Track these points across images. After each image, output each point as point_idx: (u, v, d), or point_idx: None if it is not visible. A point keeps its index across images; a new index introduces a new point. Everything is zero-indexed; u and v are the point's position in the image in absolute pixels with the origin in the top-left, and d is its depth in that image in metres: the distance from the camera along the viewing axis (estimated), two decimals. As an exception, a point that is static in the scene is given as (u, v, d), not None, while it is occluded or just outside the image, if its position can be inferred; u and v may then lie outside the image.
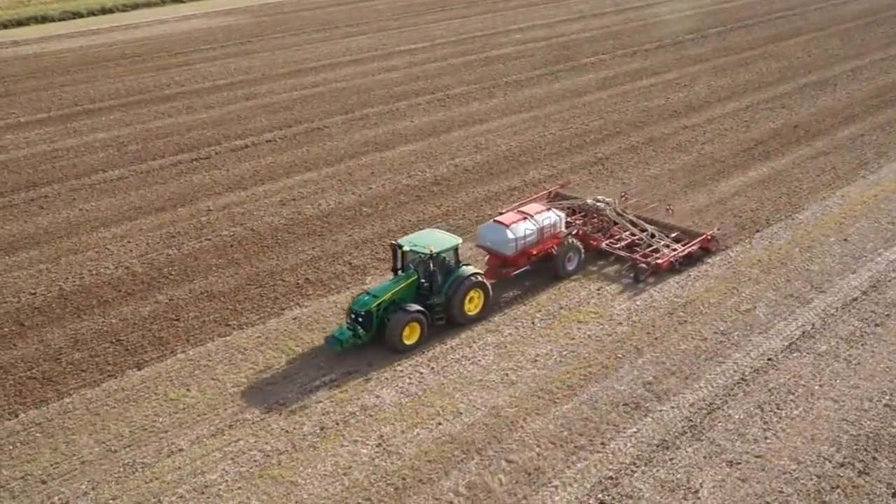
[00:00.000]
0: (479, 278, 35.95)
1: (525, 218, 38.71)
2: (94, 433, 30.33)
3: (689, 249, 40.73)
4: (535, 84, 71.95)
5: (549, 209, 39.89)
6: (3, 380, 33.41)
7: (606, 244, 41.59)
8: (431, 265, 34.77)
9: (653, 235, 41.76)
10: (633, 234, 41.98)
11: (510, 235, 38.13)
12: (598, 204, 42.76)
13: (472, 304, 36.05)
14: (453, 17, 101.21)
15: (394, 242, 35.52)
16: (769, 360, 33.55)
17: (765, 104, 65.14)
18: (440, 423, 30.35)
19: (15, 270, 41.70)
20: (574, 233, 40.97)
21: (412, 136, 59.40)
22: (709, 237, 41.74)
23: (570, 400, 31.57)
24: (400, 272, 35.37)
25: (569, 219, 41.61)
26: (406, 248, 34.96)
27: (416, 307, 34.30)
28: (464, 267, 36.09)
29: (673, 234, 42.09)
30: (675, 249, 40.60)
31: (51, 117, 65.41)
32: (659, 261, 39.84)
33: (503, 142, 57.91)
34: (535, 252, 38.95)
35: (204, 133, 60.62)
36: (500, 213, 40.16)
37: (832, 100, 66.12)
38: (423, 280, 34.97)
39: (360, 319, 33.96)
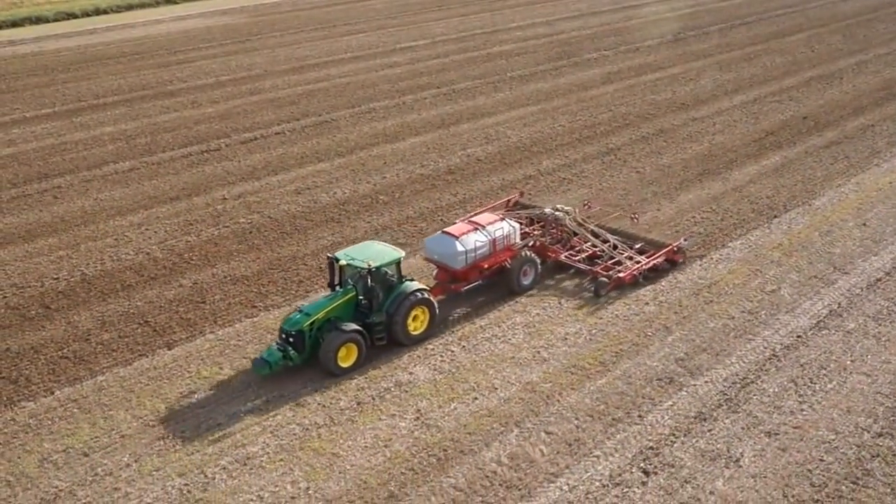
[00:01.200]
0: (424, 295, 33.19)
1: (476, 229, 36.05)
2: (130, 409, 30.15)
3: (654, 262, 38.27)
4: (539, 79, 72.08)
5: (502, 219, 37.19)
6: (35, 359, 33.15)
7: (565, 256, 38.84)
8: (370, 280, 32.00)
9: (615, 247, 39.21)
10: (595, 246, 39.31)
11: (459, 248, 35.42)
12: (557, 213, 39.97)
13: (417, 322, 33.31)
14: (451, 15, 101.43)
15: (330, 255, 33.15)
16: (798, 337, 33.51)
17: (772, 97, 65.32)
18: (476, 398, 30.23)
19: (35, 257, 41.56)
20: (531, 244, 38.14)
21: (421, 128, 59.34)
22: (675, 248, 39.19)
23: (603, 375, 31.39)
24: (338, 288, 32.85)
25: (527, 229, 39.31)
26: (343, 261, 32.31)
27: (353, 326, 31.57)
28: (407, 282, 33.24)
29: (637, 246, 39.60)
30: (638, 262, 38.16)
31: (56, 112, 65.20)
32: (621, 274, 37.29)
33: (513, 133, 57.96)
34: (486, 266, 36.10)
35: (211, 126, 60.47)
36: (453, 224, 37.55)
37: (839, 92, 66.37)
38: (361, 297, 32.33)
39: (292, 339, 31.31)
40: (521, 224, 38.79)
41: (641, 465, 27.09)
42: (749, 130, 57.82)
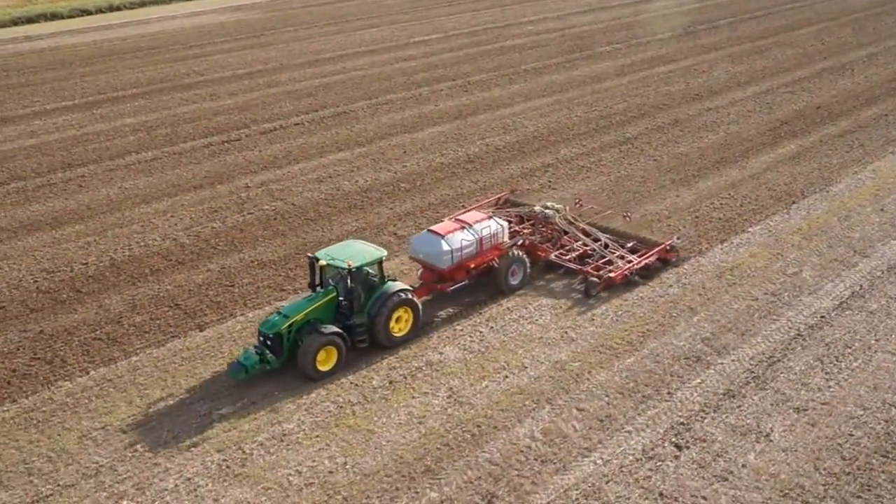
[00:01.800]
0: (407, 295, 32.21)
1: (463, 227, 35.07)
2: (165, 388, 30.57)
3: (646, 261, 37.41)
4: (553, 71, 72.51)
5: (490, 217, 36.32)
6: (69, 341, 33.61)
7: (555, 255, 37.77)
8: (350, 281, 31.13)
9: (606, 246, 38.26)
10: (585, 245, 38.43)
11: (445, 247, 34.45)
12: (547, 211, 38.97)
13: (400, 324, 32.38)
14: (463, 10, 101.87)
15: (310, 255, 32.04)
16: (822, 317, 33.95)
17: (784, 88, 65.72)
18: (507, 377, 30.67)
19: (63, 243, 42.07)
20: (520, 243, 37.13)
21: (439, 118, 59.75)
22: (667, 247, 38.34)
23: (631, 354, 31.88)
24: (319, 288, 31.79)
25: (517, 227, 38.52)
26: (323, 261, 31.13)
27: (333, 329, 30.53)
28: (390, 282, 32.24)
29: (629, 244, 38.63)
30: (630, 261, 37.28)
31: (76, 104, 65.69)
32: (612, 274, 36.32)
33: (530, 123, 58.39)
34: (473, 265, 35.21)
35: (231, 118, 60.90)
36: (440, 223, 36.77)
37: (851, 83, 66.74)
38: (342, 298, 31.37)
39: (269, 342, 30.32)
40: (510, 222, 38.24)
41: (673, 439, 27.42)
42: (763, 120, 58.11)
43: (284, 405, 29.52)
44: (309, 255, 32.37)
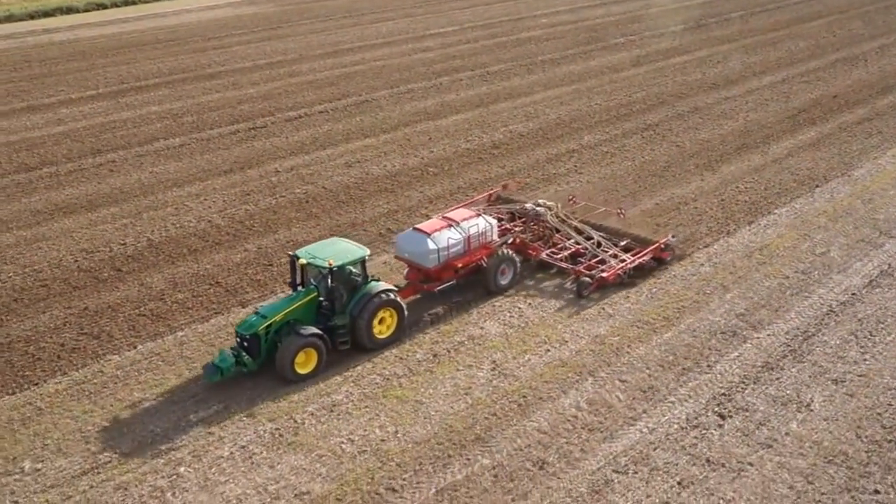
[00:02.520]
0: (391, 296, 31.14)
1: (450, 225, 34.00)
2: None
3: (640, 260, 36.42)
4: (570, 62, 73.19)
5: (478, 215, 35.21)
6: (114, 317, 34.21)
7: (546, 254, 36.69)
8: (330, 281, 30.05)
9: (599, 244, 37.25)
10: (578, 243, 37.34)
11: (431, 246, 33.35)
12: (539, 209, 37.86)
13: (383, 325, 31.29)
14: (476, 3, 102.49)
15: (291, 254, 30.96)
16: (853, 294, 34.68)
17: (800, 78, 66.37)
18: (548, 350, 31.33)
19: (100, 224, 42.67)
20: (510, 241, 36.17)
21: (461, 106, 60.45)
22: (662, 246, 37.20)
23: (668, 329, 32.51)
24: (301, 288, 30.82)
25: (508, 225, 37.63)
26: (303, 260, 30.15)
27: (312, 330, 29.48)
28: (373, 282, 31.19)
29: (623, 243, 37.55)
30: (624, 260, 36.32)
31: (100, 94, 66.30)
32: (604, 273, 35.29)
33: (552, 111, 59.06)
34: (461, 265, 34.14)
35: (255, 106, 61.49)
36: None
37: (865, 73, 67.43)
38: (322, 298, 30.42)
39: (247, 344, 29.34)
40: (501, 220, 37.50)
41: (716, 409, 28.06)
42: (781, 108, 58.81)
43: (331, 377, 30.06)
44: (290, 253, 31.17)
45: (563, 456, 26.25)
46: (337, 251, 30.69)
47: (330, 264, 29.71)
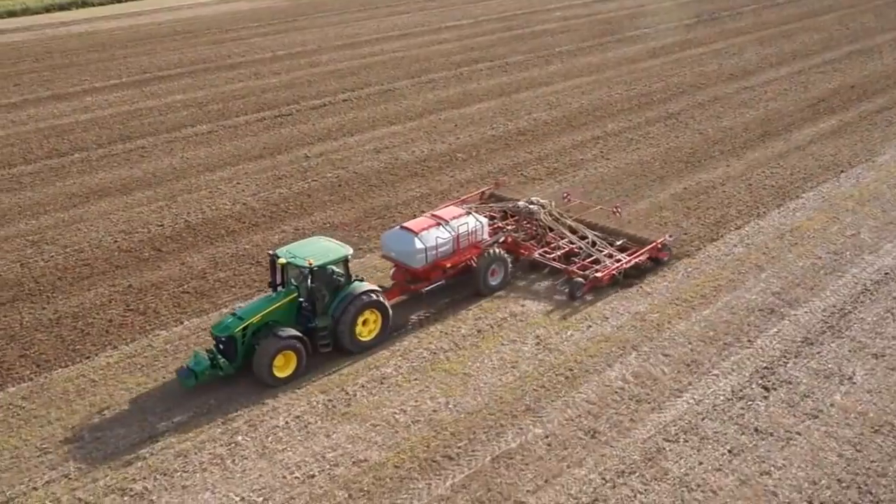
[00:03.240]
0: (375, 297, 29.97)
1: (438, 224, 32.87)
2: (262, 336, 31.28)
3: (636, 259, 35.32)
4: (587, 53, 73.73)
5: (468, 213, 34.01)
6: (158, 294, 34.71)
7: (539, 254, 35.51)
8: (311, 281, 28.91)
9: (593, 243, 36.06)
10: (572, 242, 36.21)
11: (418, 245, 32.14)
12: (531, 207, 36.79)
13: (367, 327, 30.22)
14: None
15: (271, 252, 29.88)
16: (886, 274, 35.32)
17: (816, 69, 66.92)
18: (590, 326, 31.89)
19: (135, 207, 43.15)
20: (501, 240, 35.03)
21: (483, 96, 60.90)
22: (659, 245, 36.10)
23: (706, 307, 33.06)
24: (281, 289, 29.68)
25: (500, 224, 36.78)
26: (283, 259, 29.02)
27: (291, 332, 28.30)
28: (356, 283, 30.04)
29: (618, 242, 36.39)
30: (619, 260, 35.14)
31: (123, 83, 66.74)
32: (598, 274, 34.05)
33: (573, 100, 59.61)
34: (449, 264, 32.93)
35: (279, 95, 61.94)
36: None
37: (881, 65, 68.09)
38: (302, 299, 29.36)
39: (222, 346, 28.22)
40: (493, 218, 36.74)
41: (760, 382, 28.57)
42: (800, 98, 59.34)
43: (379, 352, 30.58)
44: (269, 252, 30.05)
45: (613, 425, 26.64)
46: (318, 250, 29.53)
47: (310, 264, 28.45)
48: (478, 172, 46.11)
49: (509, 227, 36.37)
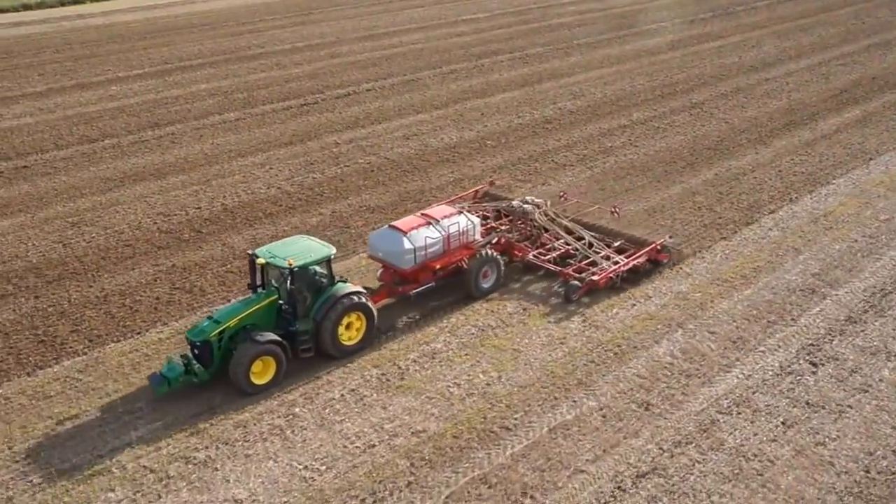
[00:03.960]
0: (359, 299, 28.47)
1: (428, 223, 31.60)
2: (309, 313, 31.53)
3: (635, 262, 33.95)
4: (606, 46, 74.08)
5: (459, 213, 32.77)
6: (203, 273, 35.14)
7: (533, 255, 34.16)
8: (291, 282, 27.41)
9: (590, 245, 34.72)
10: (568, 244, 35.00)
11: (407, 245, 30.77)
12: (526, 206, 35.53)
13: (351, 331, 28.82)
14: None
15: (250, 252, 28.41)
16: (925, 256, 34.94)
17: (836, 61, 67.28)
18: (634, 305, 32.19)
19: (171, 191, 43.43)
20: (494, 241, 33.84)
21: (506, 86, 61.27)
22: (659, 247, 34.80)
23: (747, 287, 33.36)
24: (261, 290, 28.30)
25: (494, 224, 35.71)
26: (262, 259, 27.47)
27: (270, 336, 26.85)
28: (340, 284, 28.57)
29: (616, 243, 35.17)
30: (617, 262, 33.81)
31: (147, 73, 67.03)
32: (594, 277, 32.79)
33: (597, 90, 59.94)
34: (439, 266, 31.60)
35: (302, 84, 62.26)
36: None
37: (901, 57, 67.91)
38: (282, 301, 27.94)
39: (198, 351, 26.83)
40: (487, 218, 35.82)
41: (807, 358, 28.87)
42: (823, 88, 59.70)
43: (428, 328, 30.94)
44: (249, 251, 28.84)
45: (665, 398, 26.83)
46: (300, 250, 28.00)
47: (290, 264, 26.94)
48: (508, 159, 46.43)
49: (503, 228, 35.22)
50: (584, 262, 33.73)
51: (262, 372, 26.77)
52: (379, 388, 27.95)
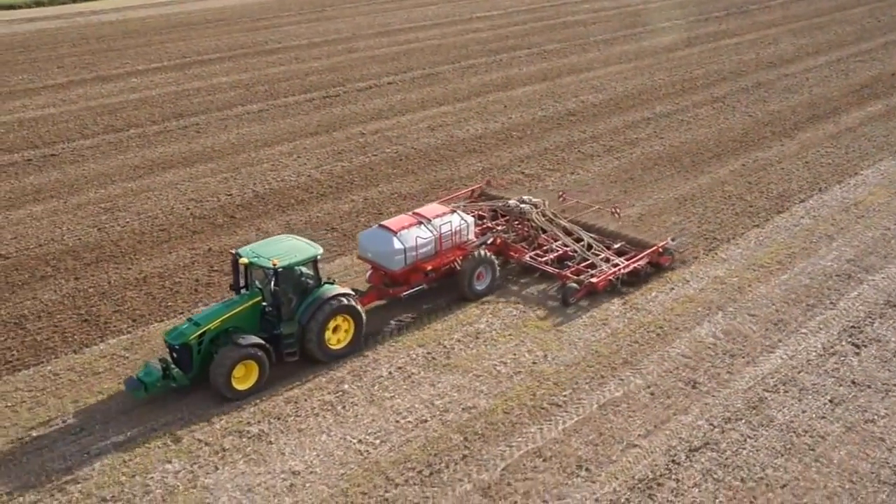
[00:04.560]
0: (347, 301, 27.33)
1: (420, 223, 30.53)
2: (346, 296, 31.63)
3: (635, 264, 32.87)
4: (622, 42, 74.24)
5: (452, 212, 31.77)
6: (241, 257, 34.49)
7: (530, 257, 33.08)
8: (275, 283, 26.20)
9: (589, 247, 33.76)
10: (566, 245, 33.98)
11: (397, 245, 29.74)
12: (523, 206, 34.51)
13: (338, 335, 27.73)
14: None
15: (233, 251, 27.30)
16: (959, 243, 35.06)
17: (854, 57, 67.49)
18: (672, 288, 32.40)
19: (201, 178, 43.57)
20: (490, 242, 32.72)
21: (527, 80, 61.51)
22: (660, 249, 33.72)
23: (784, 272, 33.51)
24: (245, 291, 27.14)
25: (491, 224, 34.88)
26: (246, 259, 26.40)
27: (253, 340, 25.69)
28: (326, 286, 27.51)
29: (616, 245, 34.19)
30: (616, 264, 32.75)
31: (166, 66, 67.23)
32: (593, 279, 31.59)
33: (617, 85, 60.10)
34: (431, 267, 30.60)
35: (323, 77, 62.42)
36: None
37: (919, 54, 68.11)
38: (265, 303, 26.82)
39: (177, 355, 25.67)
40: (483, 218, 35.03)
41: (849, 339, 29.04)
42: (843, 84, 59.87)
43: (470, 309, 31.04)
44: (232, 251, 27.68)
45: (712, 377, 26.96)
46: (285, 249, 26.92)
47: (274, 264, 25.88)
48: (535, 149, 46.74)
49: (499, 228, 34.34)
50: (583, 264, 32.80)
51: (244, 377, 25.69)
52: (426, 366, 28.11)
